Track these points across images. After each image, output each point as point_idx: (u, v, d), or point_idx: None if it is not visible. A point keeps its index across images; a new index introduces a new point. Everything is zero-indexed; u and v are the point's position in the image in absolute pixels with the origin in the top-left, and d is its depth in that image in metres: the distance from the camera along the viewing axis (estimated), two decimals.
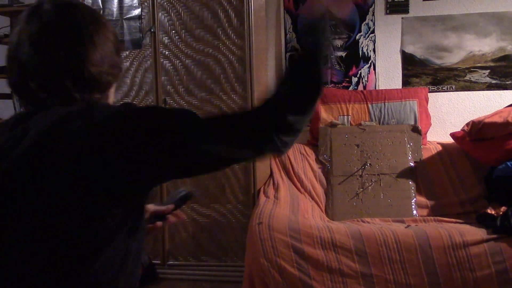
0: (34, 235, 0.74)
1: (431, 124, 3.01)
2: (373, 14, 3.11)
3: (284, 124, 0.84)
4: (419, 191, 2.65)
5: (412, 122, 2.91)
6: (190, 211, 2.71)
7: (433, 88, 3.08)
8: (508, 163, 2.38)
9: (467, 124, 2.58)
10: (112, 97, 0.94)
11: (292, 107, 0.86)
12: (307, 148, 2.94)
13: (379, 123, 2.94)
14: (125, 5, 2.69)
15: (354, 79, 3.16)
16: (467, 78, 3.05)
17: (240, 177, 2.66)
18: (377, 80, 3.15)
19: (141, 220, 0.85)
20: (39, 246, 0.74)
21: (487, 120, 2.49)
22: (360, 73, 3.15)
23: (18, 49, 0.82)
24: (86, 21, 0.85)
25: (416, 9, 3.07)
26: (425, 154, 2.79)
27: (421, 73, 3.10)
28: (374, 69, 3.14)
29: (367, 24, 3.12)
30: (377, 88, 3.13)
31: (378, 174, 2.70)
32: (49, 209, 0.74)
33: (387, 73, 3.14)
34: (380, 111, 2.95)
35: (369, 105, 2.97)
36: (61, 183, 0.74)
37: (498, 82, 3.03)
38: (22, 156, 0.76)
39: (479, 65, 3.03)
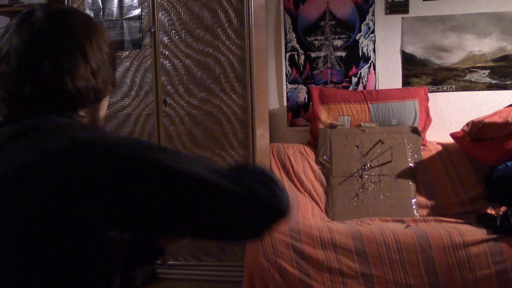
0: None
1: (431, 124, 3.01)
2: (373, 14, 3.11)
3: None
4: (419, 191, 2.65)
5: (412, 122, 2.92)
6: None
7: (433, 88, 3.08)
8: (508, 163, 2.38)
9: (467, 124, 2.58)
10: (104, 110, 0.88)
11: None
12: (307, 148, 2.95)
13: (379, 123, 2.94)
14: (125, 5, 2.69)
15: (354, 79, 3.16)
16: (467, 78, 3.05)
17: None
18: (377, 80, 3.15)
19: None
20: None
21: (487, 120, 2.49)
22: (360, 73, 3.15)
23: (5, 58, 0.77)
24: (78, 32, 0.80)
25: (416, 9, 3.07)
26: (425, 154, 2.79)
27: (421, 73, 3.10)
28: (374, 69, 3.14)
29: (367, 24, 3.12)
30: (377, 88, 3.13)
31: (378, 175, 2.70)
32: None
33: (387, 73, 3.14)
34: (380, 111, 2.95)
35: (369, 105, 2.97)
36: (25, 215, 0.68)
37: (498, 82, 3.03)
38: None
39: (479, 65, 3.03)
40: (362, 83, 3.15)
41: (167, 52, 2.67)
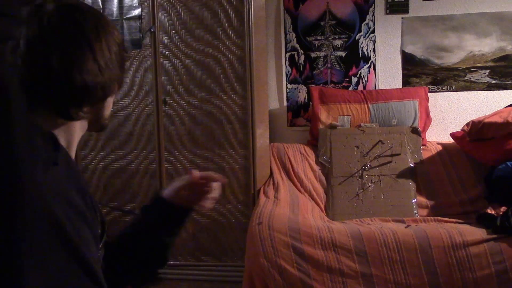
0: None
1: (431, 124, 3.01)
2: (373, 14, 3.11)
3: None
4: (419, 191, 2.65)
5: (412, 122, 2.92)
6: None
7: (433, 88, 3.08)
8: (508, 163, 2.38)
9: (467, 124, 2.58)
10: (109, 110, 0.88)
11: None
12: (307, 148, 2.95)
13: (379, 123, 2.94)
14: (125, 5, 2.69)
15: (354, 79, 3.16)
16: (467, 78, 3.05)
17: (240, 177, 2.66)
18: (377, 80, 3.15)
19: None
20: None
21: (487, 120, 2.49)
22: (360, 73, 3.15)
23: (13, 49, 0.75)
24: (88, 27, 0.79)
25: (416, 9, 3.07)
26: (425, 154, 2.79)
27: (421, 73, 3.10)
28: (374, 69, 3.14)
29: (367, 24, 3.12)
30: (377, 88, 3.13)
31: (378, 175, 2.70)
32: None
33: (387, 73, 3.14)
34: (380, 111, 2.95)
35: (369, 105, 2.97)
36: None
37: (498, 82, 3.03)
38: None
39: (479, 65, 3.03)
40: (362, 83, 3.15)
41: (167, 52, 2.67)
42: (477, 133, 2.51)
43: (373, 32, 3.12)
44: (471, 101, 3.07)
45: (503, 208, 2.24)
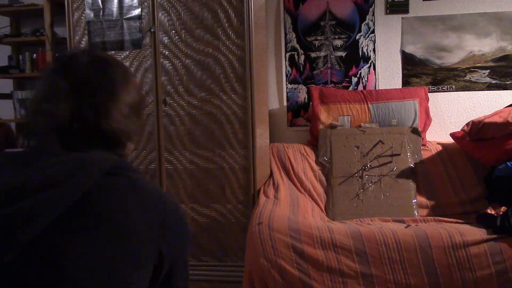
0: None
1: (431, 124, 3.01)
2: (373, 14, 3.11)
3: None
4: (419, 191, 2.65)
5: (412, 122, 2.92)
6: (190, 211, 2.71)
7: (433, 88, 3.08)
8: (508, 163, 2.38)
9: (467, 124, 2.58)
10: (129, 153, 0.95)
11: None
12: (307, 148, 2.95)
13: (379, 123, 2.94)
14: (125, 5, 2.69)
15: (354, 79, 3.16)
16: (467, 78, 3.05)
17: (240, 177, 2.66)
18: (377, 80, 3.15)
19: None
20: None
21: (487, 120, 2.49)
22: (360, 73, 3.15)
23: (45, 100, 0.82)
24: (117, 80, 0.87)
25: (416, 9, 3.07)
26: (425, 154, 2.79)
27: (421, 73, 3.10)
28: (374, 69, 3.14)
29: (367, 24, 3.12)
30: (377, 88, 3.13)
31: (378, 175, 2.70)
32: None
33: (387, 73, 3.14)
34: (380, 111, 2.95)
35: (369, 105, 2.97)
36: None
37: (498, 82, 3.03)
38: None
39: (479, 65, 3.04)
40: (362, 83, 3.15)
41: (167, 52, 2.67)
42: (477, 133, 2.51)
43: (373, 32, 3.12)
44: (471, 101, 3.07)
45: (503, 208, 2.24)
